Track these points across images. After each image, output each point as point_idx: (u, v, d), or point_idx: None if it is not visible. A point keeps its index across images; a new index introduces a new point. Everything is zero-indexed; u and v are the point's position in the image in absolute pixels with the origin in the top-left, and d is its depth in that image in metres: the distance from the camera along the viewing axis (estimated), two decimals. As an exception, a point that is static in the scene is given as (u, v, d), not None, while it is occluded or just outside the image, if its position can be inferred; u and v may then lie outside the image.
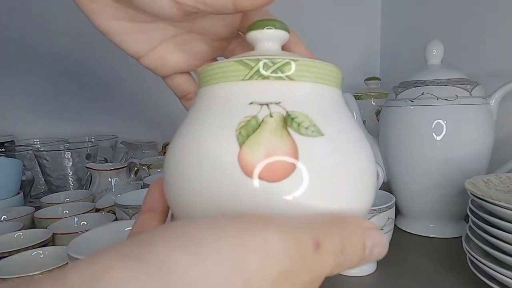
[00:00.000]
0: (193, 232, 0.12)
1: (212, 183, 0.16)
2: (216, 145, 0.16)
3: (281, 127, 0.16)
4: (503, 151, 0.57)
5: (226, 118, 0.17)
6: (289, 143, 0.15)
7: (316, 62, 0.18)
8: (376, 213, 0.41)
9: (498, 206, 0.34)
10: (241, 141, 0.16)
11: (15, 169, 0.66)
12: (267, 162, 0.15)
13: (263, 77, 0.17)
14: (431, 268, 0.45)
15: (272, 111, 0.16)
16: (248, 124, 0.16)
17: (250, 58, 0.17)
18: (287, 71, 0.17)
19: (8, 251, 0.40)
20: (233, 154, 0.15)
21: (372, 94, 0.78)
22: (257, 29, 0.20)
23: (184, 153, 0.17)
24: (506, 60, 0.61)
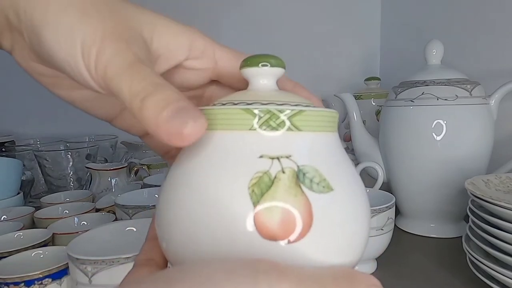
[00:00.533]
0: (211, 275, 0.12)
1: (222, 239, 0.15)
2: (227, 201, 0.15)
3: (294, 184, 0.15)
4: (503, 151, 0.57)
5: (236, 171, 0.16)
6: (304, 202, 0.15)
7: (322, 110, 0.17)
8: (376, 213, 0.41)
9: (498, 206, 0.34)
10: (255, 200, 0.15)
11: (15, 169, 0.66)
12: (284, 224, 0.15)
13: (271, 127, 0.16)
14: (431, 268, 0.45)
15: (283, 166, 0.16)
16: (261, 181, 0.15)
17: (259, 108, 0.16)
18: (296, 121, 0.16)
19: (8, 251, 0.40)
20: (247, 213, 0.15)
21: (372, 94, 0.78)
22: (252, 67, 0.19)
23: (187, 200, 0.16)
24: (506, 60, 0.61)
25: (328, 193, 0.16)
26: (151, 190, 0.56)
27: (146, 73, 0.16)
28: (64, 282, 0.35)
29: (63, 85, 0.23)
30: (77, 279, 0.31)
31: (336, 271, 0.15)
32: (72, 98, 0.23)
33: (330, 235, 0.16)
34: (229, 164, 0.16)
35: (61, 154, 0.74)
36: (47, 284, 0.34)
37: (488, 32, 0.65)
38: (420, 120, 0.52)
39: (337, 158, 0.18)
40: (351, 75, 0.97)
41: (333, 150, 0.18)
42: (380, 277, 0.47)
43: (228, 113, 0.16)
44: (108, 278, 0.30)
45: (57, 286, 0.35)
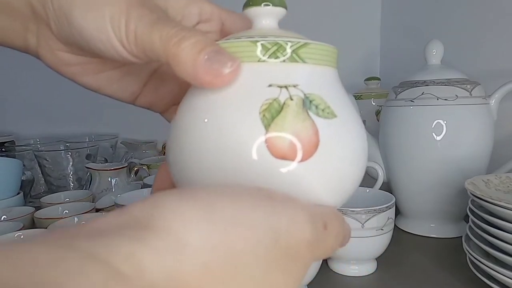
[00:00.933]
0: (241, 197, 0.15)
1: (237, 162, 0.16)
2: (239, 125, 0.16)
3: (302, 110, 0.17)
4: (503, 151, 0.57)
5: (248, 98, 0.17)
6: (311, 126, 0.17)
7: (324, 45, 0.19)
8: (376, 213, 0.41)
9: (498, 206, 0.34)
10: (267, 123, 0.16)
11: (15, 169, 0.66)
12: (294, 145, 0.16)
13: (279, 58, 0.17)
14: (431, 268, 0.45)
15: (291, 93, 0.17)
16: (271, 106, 0.16)
17: (267, 40, 0.17)
18: (301, 53, 0.18)
19: (8, 251, 0.40)
20: (260, 136, 0.16)
21: (372, 94, 0.77)
22: (255, 6, 0.19)
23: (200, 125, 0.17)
24: (506, 60, 0.61)
25: (332, 119, 0.17)
26: (151, 190, 0.56)
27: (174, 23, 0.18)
28: (64, 282, 0.35)
29: (89, 70, 0.23)
30: (77, 279, 0.31)
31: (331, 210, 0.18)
32: (98, 83, 0.24)
33: (335, 156, 0.17)
34: (241, 93, 0.17)
35: (61, 154, 0.74)
36: (47, 284, 0.34)
37: (488, 32, 0.65)
38: (420, 120, 0.52)
39: (338, 90, 0.19)
40: (351, 75, 0.97)
41: (335, 83, 0.19)
42: (380, 277, 0.47)
43: (240, 45, 0.17)
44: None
45: (57, 286, 0.35)
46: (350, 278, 0.43)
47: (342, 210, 0.41)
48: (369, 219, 0.41)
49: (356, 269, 0.44)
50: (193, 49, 0.17)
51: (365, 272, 0.44)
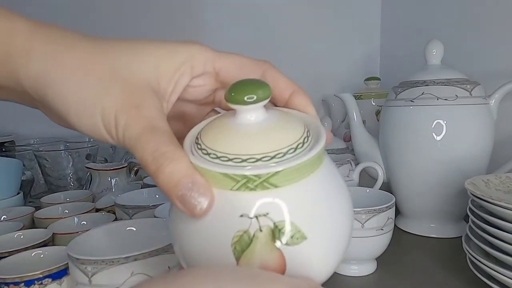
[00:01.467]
0: (222, 276, 0.15)
1: None
2: (214, 254, 0.18)
3: (270, 241, 0.17)
4: (503, 151, 0.57)
5: (222, 228, 0.18)
6: (278, 256, 0.17)
7: (301, 162, 0.18)
8: (376, 213, 0.41)
9: (498, 206, 0.34)
10: (237, 256, 0.18)
11: (15, 169, 0.66)
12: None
13: (249, 189, 0.17)
14: (431, 268, 0.45)
15: (261, 224, 0.17)
16: (242, 239, 0.17)
17: (237, 173, 0.17)
18: (272, 181, 0.17)
19: (8, 251, 0.40)
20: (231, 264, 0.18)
21: (372, 94, 0.78)
22: (237, 104, 0.19)
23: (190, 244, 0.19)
24: (506, 60, 0.61)
25: (301, 243, 0.18)
26: (151, 190, 0.56)
27: (155, 142, 0.19)
28: (64, 282, 0.35)
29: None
30: (77, 279, 0.31)
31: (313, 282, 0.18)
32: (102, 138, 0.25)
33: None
34: (215, 222, 0.18)
35: (61, 154, 0.74)
36: (47, 284, 0.34)
37: (488, 32, 0.65)
38: (420, 120, 0.52)
39: (318, 197, 0.19)
40: (351, 75, 0.97)
41: (315, 191, 0.19)
42: (380, 277, 0.47)
43: (213, 175, 0.18)
44: (108, 278, 0.30)
45: (57, 286, 0.35)
46: (350, 278, 0.43)
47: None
48: (369, 219, 0.41)
49: (356, 269, 0.44)
50: (169, 182, 0.18)
51: (365, 272, 0.44)
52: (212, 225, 0.18)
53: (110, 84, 0.20)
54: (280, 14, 0.95)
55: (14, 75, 0.21)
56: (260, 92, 0.19)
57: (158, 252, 0.31)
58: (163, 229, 0.38)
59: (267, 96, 0.19)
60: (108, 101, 0.20)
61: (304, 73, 0.97)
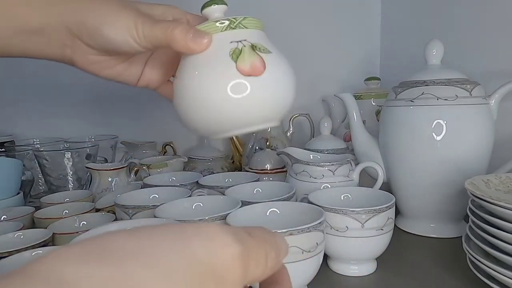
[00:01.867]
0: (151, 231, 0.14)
1: (221, 81, 0.30)
2: (220, 62, 0.30)
3: (252, 50, 0.30)
4: (503, 151, 0.57)
5: (221, 50, 0.30)
6: (259, 57, 0.30)
7: (255, 18, 0.33)
8: (376, 213, 0.41)
9: (498, 206, 0.34)
10: (235, 59, 0.30)
11: (15, 169, 0.66)
12: (252, 67, 0.30)
13: (231, 28, 0.31)
14: (431, 268, 0.45)
15: (244, 44, 0.31)
16: (235, 50, 0.30)
17: (223, 19, 0.32)
18: (243, 23, 0.32)
19: (8, 251, 0.40)
20: (233, 66, 0.29)
21: (372, 94, 0.77)
22: (208, 7, 0.33)
23: (194, 75, 0.31)
24: (506, 60, 0.61)
25: (269, 54, 0.31)
26: (151, 190, 0.56)
27: (165, 21, 0.32)
28: (64, 282, 0.35)
29: (109, 65, 0.37)
30: (77, 279, 0.31)
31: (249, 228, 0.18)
32: (114, 73, 0.38)
33: (276, 73, 0.31)
34: (216, 48, 0.31)
35: (61, 154, 0.74)
36: (47, 284, 0.34)
37: (488, 32, 0.65)
38: (420, 120, 0.52)
39: (268, 42, 0.33)
40: (351, 75, 0.97)
41: (265, 38, 0.33)
42: (380, 277, 0.47)
43: (209, 26, 0.32)
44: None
45: (57, 286, 0.35)
46: (350, 278, 0.43)
47: (342, 210, 0.41)
48: (369, 219, 0.41)
49: (356, 269, 0.44)
50: (182, 31, 0.30)
51: (365, 272, 0.44)
52: (215, 50, 0.31)
53: (126, 7, 0.33)
54: (280, 14, 0.95)
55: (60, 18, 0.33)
56: (219, 1, 0.33)
57: (158, 252, 0.31)
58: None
59: (223, 3, 0.34)
60: (128, 18, 0.32)
61: (304, 73, 0.97)
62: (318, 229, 0.37)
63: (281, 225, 0.38)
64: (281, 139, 0.83)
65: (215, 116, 0.30)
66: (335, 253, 0.44)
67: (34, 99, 0.91)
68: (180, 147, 0.94)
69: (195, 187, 0.58)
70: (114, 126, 0.92)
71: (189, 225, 0.15)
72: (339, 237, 0.42)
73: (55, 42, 0.34)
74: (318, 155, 0.62)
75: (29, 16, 0.33)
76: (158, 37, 0.31)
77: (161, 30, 0.31)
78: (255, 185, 0.56)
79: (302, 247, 0.35)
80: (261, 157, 0.73)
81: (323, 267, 0.41)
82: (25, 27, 0.33)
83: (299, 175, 0.56)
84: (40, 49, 0.35)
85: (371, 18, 0.99)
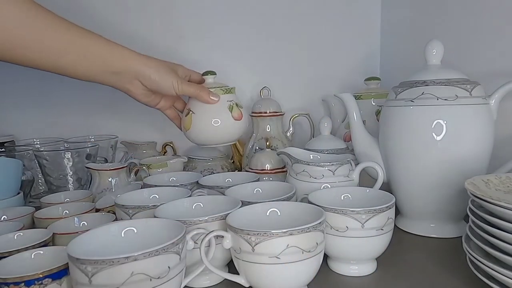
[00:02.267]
0: None
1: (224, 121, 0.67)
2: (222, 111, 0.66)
3: (236, 106, 0.67)
4: (503, 151, 0.57)
5: (223, 104, 0.67)
6: (239, 110, 0.68)
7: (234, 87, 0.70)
8: (376, 213, 0.41)
9: (498, 206, 0.34)
10: (230, 110, 0.67)
11: (15, 169, 0.66)
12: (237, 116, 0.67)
13: (226, 93, 0.67)
14: (431, 268, 0.45)
15: (233, 102, 0.67)
16: (230, 105, 0.67)
17: (222, 88, 0.68)
18: (231, 90, 0.69)
19: (8, 251, 0.40)
20: (229, 114, 0.66)
21: (372, 94, 0.77)
22: (206, 75, 0.70)
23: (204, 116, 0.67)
24: (506, 60, 0.61)
25: (242, 107, 0.69)
26: (151, 190, 0.56)
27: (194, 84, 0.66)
28: (64, 282, 0.35)
29: (155, 99, 0.67)
30: (77, 279, 0.31)
31: None
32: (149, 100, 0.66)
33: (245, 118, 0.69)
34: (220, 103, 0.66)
35: (61, 154, 0.74)
36: (47, 284, 0.34)
37: (488, 32, 0.65)
38: (420, 120, 0.52)
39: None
40: (351, 75, 0.97)
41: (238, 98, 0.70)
42: (380, 277, 0.47)
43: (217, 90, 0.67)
44: (108, 278, 0.30)
45: (57, 286, 0.35)
46: (350, 278, 0.43)
47: (342, 210, 0.41)
48: (369, 219, 0.41)
49: (356, 269, 0.44)
50: (206, 93, 0.65)
51: (365, 272, 0.44)
52: (220, 105, 0.66)
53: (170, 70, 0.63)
54: (279, 14, 0.95)
55: (128, 68, 0.59)
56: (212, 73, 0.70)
57: (158, 252, 0.31)
58: (163, 229, 0.38)
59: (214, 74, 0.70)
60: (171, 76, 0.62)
61: (304, 73, 0.97)
62: (318, 229, 0.37)
63: (281, 225, 0.38)
64: (281, 139, 0.83)
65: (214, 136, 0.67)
66: (335, 253, 0.44)
67: (34, 99, 0.91)
68: (180, 147, 0.94)
69: (195, 187, 0.58)
70: (114, 126, 0.92)
71: None
72: (339, 237, 0.42)
73: (124, 79, 0.60)
74: (318, 155, 0.62)
75: (113, 62, 0.58)
76: (190, 92, 0.64)
77: (192, 89, 0.64)
78: (255, 185, 0.56)
79: (302, 247, 0.35)
80: (261, 157, 0.73)
81: (323, 267, 0.41)
82: (109, 69, 0.58)
83: (299, 175, 0.56)
84: (111, 82, 0.60)
85: (371, 18, 0.99)
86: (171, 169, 0.76)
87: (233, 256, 0.39)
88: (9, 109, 0.91)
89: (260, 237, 0.35)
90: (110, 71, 0.58)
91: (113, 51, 0.58)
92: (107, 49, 0.58)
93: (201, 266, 0.39)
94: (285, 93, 0.94)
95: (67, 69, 0.57)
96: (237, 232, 0.36)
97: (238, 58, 0.95)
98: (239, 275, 0.39)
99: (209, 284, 0.43)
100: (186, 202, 0.48)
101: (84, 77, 0.59)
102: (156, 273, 0.31)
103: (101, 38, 0.58)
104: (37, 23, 0.53)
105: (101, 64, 0.58)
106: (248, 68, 0.95)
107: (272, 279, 0.36)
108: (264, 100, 0.85)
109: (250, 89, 0.96)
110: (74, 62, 0.56)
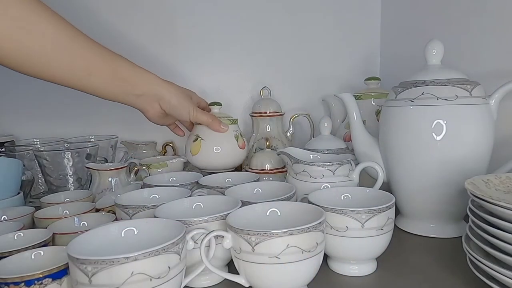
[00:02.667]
0: None
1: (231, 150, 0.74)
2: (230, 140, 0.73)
3: (240, 136, 0.75)
4: (503, 151, 0.57)
5: (230, 133, 0.73)
6: (243, 140, 0.76)
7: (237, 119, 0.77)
8: (376, 213, 0.41)
9: (498, 206, 0.34)
10: (236, 139, 0.74)
11: (15, 169, 0.66)
12: (242, 145, 0.75)
13: (232, 123, 0.75)
14: (431, 268, 0.45)
15: (238, 132, 0.75)
16: (236, 136, 0.74)
17: (229, 118, 0.75)
18: (235, 121, 0.76)
19: (8, 251, 0.40)
20: (235, 144, 0.74)
21: (372, 94, 0.78)
22: (213, 106, 0.76)
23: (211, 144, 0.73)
24: (506, 60, 0.61)
25: (244, 137, 0.76)
26: (151, 190, 0.56)
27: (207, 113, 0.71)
28: (64, 282, 0.35)
29: (167, 120, 0.73)
30: (77, 279, 0.31)
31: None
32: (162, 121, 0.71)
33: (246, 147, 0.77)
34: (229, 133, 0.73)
35: (61, 154, 0.74)
36: (47, 284, 0.34)
37: (488, 32, 0.65)
38: (420, 120, 0.52)
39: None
40: (351, 75, 0.97)
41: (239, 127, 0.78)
42: (380, 277, 0.47)
43: (227, 121, 0.74)
44: (108, 278, 0.30)
45: (57, 286, 0.35)
46: (350, 278, 0.43)
47: (342, 210, 0.41)
48: (369, 219, 0.41)
49: (356, 269, 0.44)
50: (217, 122, 0.70)
51: (365, 272, 0.44)
52: (228, 134, 0.72)
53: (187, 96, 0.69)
54: (279, 15, 0.95)
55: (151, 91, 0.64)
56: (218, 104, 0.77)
57: (158, 252, 0.31)
58: (163, 229, 0.38)
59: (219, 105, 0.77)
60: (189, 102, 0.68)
61: (304, 73, 0.97)
62: (318, 229, 0.37)
63: (281, 225, 0.38)
64: (281, 139, 0.83)
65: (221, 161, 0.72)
66: (335, 253, 0.44)
67: (34, 99, 0.91)
68: (180, 147, 0.94)
69: (195, 187, 0.58)
70: (114, 126, 0.92)
71: None
72: (339, 237, 0.42)
73: (145, 102, 0.64)
74: (318, 155, 0.62)
75: (137, 86, 0.62)
76: (203, 120, 0.69)
77: (206, 118, 0.69)
78: (255, 185, 0.56)
79: (302, 247, 0.35)
80: (261, 157, 0.73)
81: (323, 267, 0.41)
82: (134, 92, 0.62)
83: (299, 175, 0.56)
84: (132, 103, 0.64)
85: (371, 18, 0.99)
86: (171, 169, 0.76)
87: (233, 256, 0.39)
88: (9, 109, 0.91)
89: (260, 237, 0.35)
90: (134, 93, 0.62)
91: (139, 75, 0.62)
92: (133, 73, 0.61)
93: (201, 266, 0.39)
94: (285, 93, 0.94)
95: (94, 89, 0.59)
96: (237, 232, 0.36)
97: (238, 58, 0.95)
98: (239, 275, 0.39)
99: (209, 284, 0.43)
100: (186, 202, 0.48)
101: (107, 97, 0.61)
102: (156, 273, 0.31)
103: (127, 61, 0.61)
104: (73, 44, 0.54)
105: (126, 86, 0.61)
106: (248, 68, 0.95)
107: (272, 279, 0.36)
108: (264, 100, 0.85)
109: (250, 89, 0.96)
110: (101, 84, 0.59)
